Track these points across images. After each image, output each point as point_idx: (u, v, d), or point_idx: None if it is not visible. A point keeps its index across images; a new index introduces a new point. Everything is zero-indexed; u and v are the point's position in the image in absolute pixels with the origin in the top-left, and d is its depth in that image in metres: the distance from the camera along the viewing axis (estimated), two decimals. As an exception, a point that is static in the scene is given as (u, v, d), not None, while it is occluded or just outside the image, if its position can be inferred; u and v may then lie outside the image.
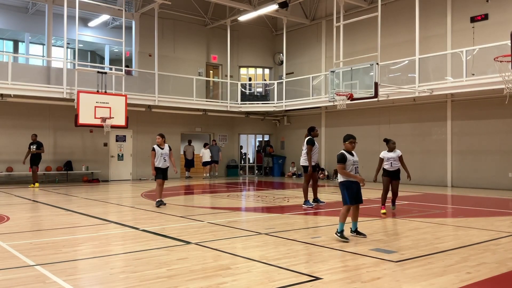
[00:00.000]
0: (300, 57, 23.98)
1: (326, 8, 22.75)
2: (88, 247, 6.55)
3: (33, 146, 16.87)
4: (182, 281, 4.68)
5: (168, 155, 11.14)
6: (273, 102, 22.74)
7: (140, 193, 14.75)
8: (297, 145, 24.23)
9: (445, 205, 12.35)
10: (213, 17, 23.46)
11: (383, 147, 20.73)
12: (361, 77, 15.96)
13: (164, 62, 21.47)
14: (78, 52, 18.37)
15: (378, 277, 4.84)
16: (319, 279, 4.74)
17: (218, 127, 24.11)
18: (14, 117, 18.00)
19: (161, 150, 11.08)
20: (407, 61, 17.86)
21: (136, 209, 10.67)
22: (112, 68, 19.66)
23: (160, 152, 11.03)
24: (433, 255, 5.87)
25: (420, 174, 18.64)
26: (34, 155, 16.83)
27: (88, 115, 16.85)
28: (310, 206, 11.01)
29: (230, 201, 12.97)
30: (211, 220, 8.74)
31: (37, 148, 16.86)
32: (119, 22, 21.56)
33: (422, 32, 17.34)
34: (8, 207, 11.12)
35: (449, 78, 16.68)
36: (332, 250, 6.10)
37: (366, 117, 20.64)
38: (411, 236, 7.21)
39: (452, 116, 17.74)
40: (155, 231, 7.52)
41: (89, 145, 19.96)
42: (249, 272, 5.06)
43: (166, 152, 11.13)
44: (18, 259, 5.61)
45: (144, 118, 21.00)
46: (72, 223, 8.66)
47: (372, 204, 12.06)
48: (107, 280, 4.80)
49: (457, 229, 8.00)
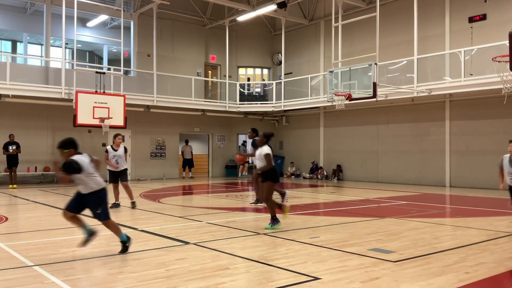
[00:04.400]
0: (299, 57, 23.99)
1: (324, 8, 22.75)
2: (87, 247, 6.54)
3: (11, 146, 16.37)
4: (180, 281, 4.68)
5: (122, 157, 10.56)
6: (272, 102, 22.74)
7: (139, 193, 14.73)
8: (295, 145, 24.31)
9: (443, 205, 12.36)
10: (211, 17, 23.45)
11: (381, 147, 20.75)
12: (359, 77, 15.97)
13: (163, 62, 21.45)
14: (77, 52, 18.33)
15: (376, 277, 4.85)
16: (318, 279, 4.75)
17: (217, 127, 24.10)
18: (13, 117, 17.95)
19: (114, 152, 10.51)
20: (405, 61, 17.88)
21: (135, 209, 10.66)
22: (110, 68, 19.65)
23: (113, 154, 10.48)
24: (431, 255, 5.89)
25: (418, 174, 18.67)
26: (13, 156, 16.32)
27: (86, 115, 16.81)
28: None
29: (229, 201, 12.97)
30: (209, 220, 8.74)
31: (16, 148, 16.39)
32: (118, 22, 21.51)
33: (420, 32, 17.36)
34: (7, 207, 11.11)
35: (448, 78, 16.70)
36: (331, 250, 6.11)
37: (365, 117, 20.65)
38: (409, 236, 7.22)
39: (450, 116, 17.76)
40: (154, 231, 7.52)
41: (87, 145, 19.87)
42: (248, 272, 5.07)
43: (119, 154, 10.53)
44: (17, 259, 5.60)
45: (143, 119, 20.98)
46: (71, 224, 8.64)
47: (371, 204, 12.06)
48: (106, 281, 4.80)
49: (455, 229, 8.01)
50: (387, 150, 19.86)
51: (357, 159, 21.07)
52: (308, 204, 12.28)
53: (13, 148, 16.39)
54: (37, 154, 18.41)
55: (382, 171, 20.05)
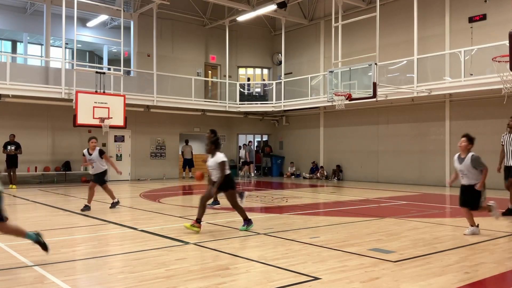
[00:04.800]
0: (299, 57, 23.99)
1: (324, 8, 22.75)
2: (86, 247, 6.55)
3: (11, 146, 16.28)
4: (180, 281, 4.68)
5: (97, 160, 10.21)
6: (272, 102, 22.75)
7: (139, 193, 14.74)
8: (295, 145, 24.30)
9: (443, 205, 12.37)
10: (211, 17, 23.45)
11: (381, 147, 20.74)
12: (359, 77, 15.97)
13: (163, 62, 21.45)
14: (77, 52, 18.33)
15: (376, 277, 4.84)
16: (318, 279, 4.75)
17: (217, 127, 23.85)
18: (13, 117, 17.94)
19: (89, 156, 10.28)
20: (405, 61, 17.88)
21: (135, 209, 10.66)
22: (110, 68, 19.65)
23: (88, 158, 10.27)
24: (431, 255, 5.88)
25: (418, 174, 18.67)
26: (12, 156, 16.25)
27: (86, 115, 16.81)
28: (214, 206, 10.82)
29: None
30: (209, 220, 8.74)
31: (15, 149, 16.31)
32: (118, 22, 21.52)
33: (420, 32, 17.36)
34: (7, 207, 11.09)
35: (448, 78, 16.70)
36: (331, 250, 6.11)
37: (365, 117, 20.65)
38: (409, 236, 7.22)
39: (450, 116, 17.76)
40: (154, 231, 7.52)
41: (87, 145, 19.89)
42: (248, 272, 5.07)
43: (93, 158, 10.22)
44: (17, 259, 5.60)
45: (143, 119, 20.98)
46: (71, 224, 8.66)
47: (371, 204, 12.06)
48: (106, 281, 4.79)
49: (455, 229, 8.01)
50: (387, 150, 19.86)
51: (357, 159, 21.07)
52: (308, 204, 12.28)
53: (11, 148, 16.29)
54: (37, 154, 18.42)
55: (382, 171, 20.05)
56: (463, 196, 7.38)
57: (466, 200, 7.34)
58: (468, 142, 7.29)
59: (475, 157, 7.17)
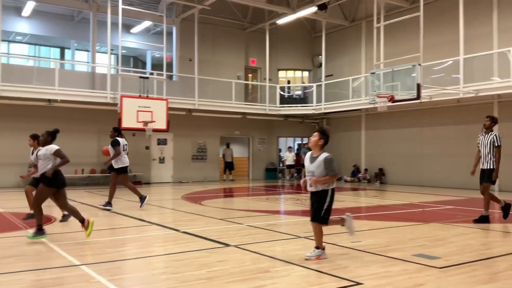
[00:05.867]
0: (340, 59, 23.74)
1: (366, 9, 22.43)
2: (131, 248, 6.71)
3: None
4: (222, 283, 4.71)
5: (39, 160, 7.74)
6: (312, 104, 22.60)
7: (180, 195, 14.98)
8: (337, 148, 24.00)
9: (492, 210, 11.89)
10: (251, 21, 23.57)
11: (426, 150, 20.23)
12: (402, 79, 15.63)
13: (204, 66, 21.73)
14: (121, 58, 18.85)
15: (420, 283, 4.71)
16: (360, 284, 4.67)
17: (257, 130, 24.18)
18: (62, 121, 18.52)
19: (31, 156, 8.55)
20: (451, 62, 17.35)
21: (177, 211, 10.83)
22: (153, 73, 20.12)
23: (32, 158, 8.44)
24: (479, 261, 5.67)
25: (466, 178, 17.99)
26: None
27: (131, 119, 17.24)
28: (107, 208, 10.77)
29: (269, 204, 12.97)
30: (250, 223, 8.77)
31: None
32: (160, 28, 21.97)
33: (466, 31, 16.80)
34: (55, 208, 11.51)
35: (496, 79, 16.08)
36: (374, 255, 5.99)
37: (408, 119, 20.17)
38: (456, 242, 6.99)
39: (499, 117, 16.96)
40: (195, 233, 7.61)
41: (131, 149, 20.25)
42: (288, 276, 5.04)
43: (35, 158, 7.98)
44: (64, 258, 5.80)
45: (185, 122, 21.32)
46: (115, 225, 8.90)
47: (415, 208, 11.76)
48: (149, 281, 4.89)
49: (505, 235, 7.69)
50: (432, 153, 19.30)
51: (400, 162, 20.60)
52: (349, 207, 12.09)
53: None
54: (84, 157, 19.00)
55: (426, 174, 19.51)
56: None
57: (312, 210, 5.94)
58: (320, 137, 5.81)
59: (329, 159, 5.72)
